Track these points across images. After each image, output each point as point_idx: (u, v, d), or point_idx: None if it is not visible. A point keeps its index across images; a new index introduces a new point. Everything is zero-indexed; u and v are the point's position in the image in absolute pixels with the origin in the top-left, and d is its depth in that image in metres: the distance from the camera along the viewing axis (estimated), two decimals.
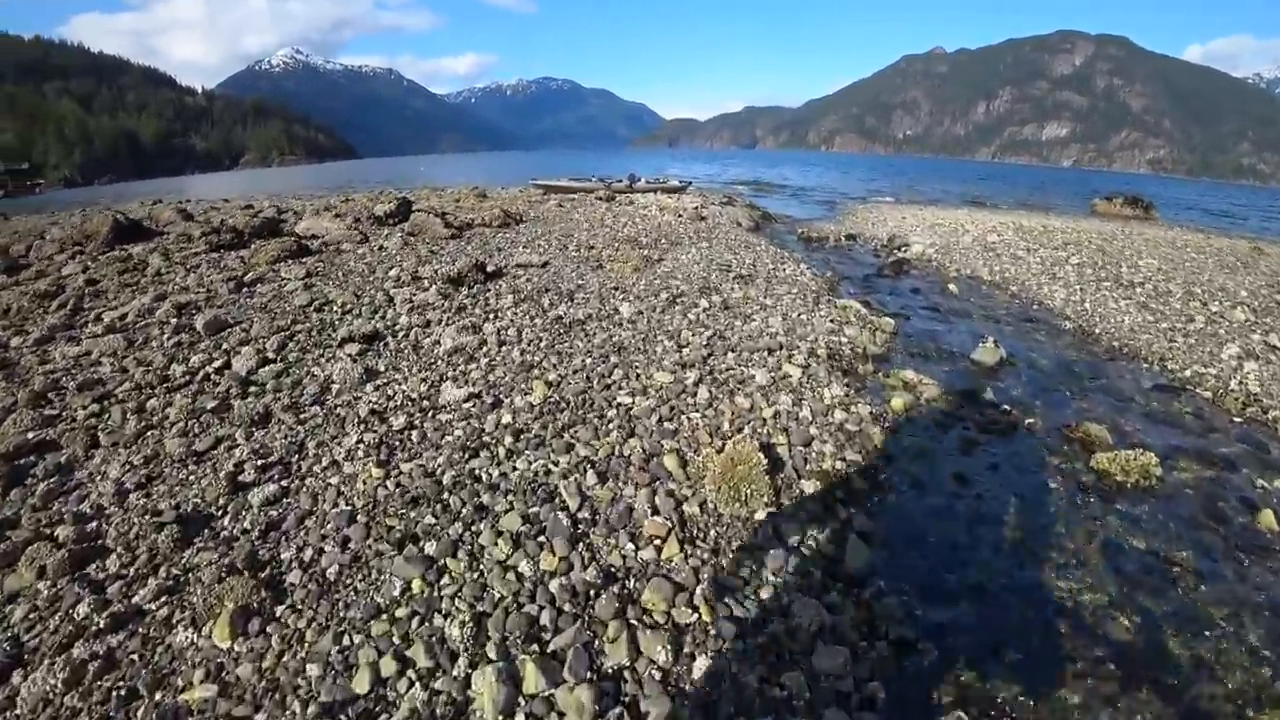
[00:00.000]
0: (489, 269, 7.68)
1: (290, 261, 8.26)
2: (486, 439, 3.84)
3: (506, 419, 4.06)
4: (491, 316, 6.14)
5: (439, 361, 4.96)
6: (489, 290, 7.03)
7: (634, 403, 4.33)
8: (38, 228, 14.83)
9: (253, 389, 4.45)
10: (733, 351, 5.42)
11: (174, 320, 5.93)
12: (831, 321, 6.80)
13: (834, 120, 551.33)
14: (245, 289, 7.08)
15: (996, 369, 6.29)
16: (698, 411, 4.26)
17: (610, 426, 4.03)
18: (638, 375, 4.75)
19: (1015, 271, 11.40)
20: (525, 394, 4.40)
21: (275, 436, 3.83)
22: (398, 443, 3.75)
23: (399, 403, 4.24)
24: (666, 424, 4.10)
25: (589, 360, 5.00)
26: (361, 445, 3.70)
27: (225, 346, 5.24)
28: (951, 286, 10.19)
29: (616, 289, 7.34)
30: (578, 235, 10.67)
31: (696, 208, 17.91)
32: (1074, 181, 61.44)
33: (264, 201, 21.70)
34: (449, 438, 3.83)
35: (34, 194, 73.16)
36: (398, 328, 5.72)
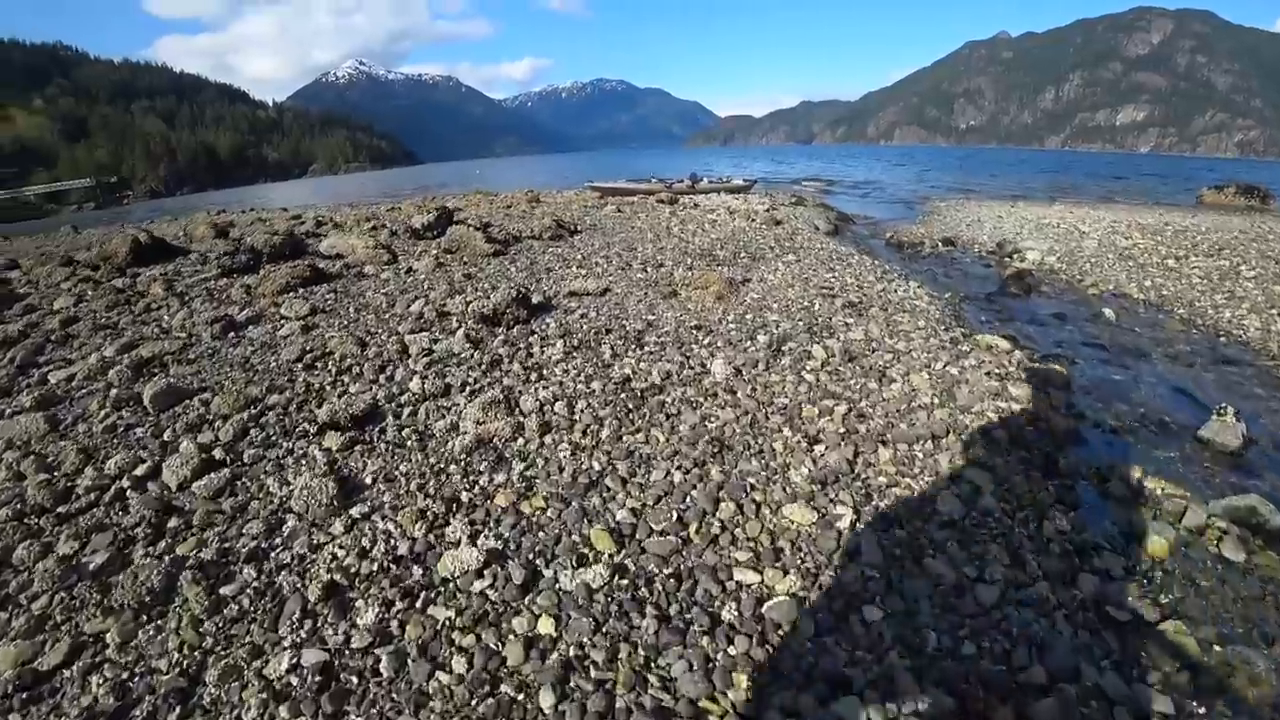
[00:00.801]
0: (534, 300, 6.11)
1: (299, 292, 6.87)
2: (505, 691, 2.10)
3: (545, 629, 2.32)
4: (533, 377, 4.53)
5: (452, 468, 3.36)
6: (533, 332, 5.45)
7: (764, 586, 2.55)
8: (79, 244, 14.09)
9: (170, 525, 2.94)
10: (884, 444, 3.65)
11: (124, 386, 4.53)
12: (988, 374, 4.95)
13: (893, 112, 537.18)
14: (234, 332, 5.68)
15: (1242, 455, 4.32)
16: (878, 605, 2.47)
17: (733, 655, 2.25)
18: (758, 508, 3.01)
19: (1175, 288, 9.24)
20: (578, 559, 2.69)
21: (159, 648, 2.27)
22: (354, 683, 2.12)
23: (376, 568, 2.62)
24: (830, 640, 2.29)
25: (677, 474, 3.28)
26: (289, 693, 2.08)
27: (167, 436, 3.78)
28: (1107, 311, 8.13)
29: (698, 328, 5.64)
30: (641, 248, 9.06)
31: (768, 210, 16.12)
32: (1161, 169, 56.28)
33: (309, 213, 20.88)
34: (438, 681, 2.14)
35: (122, 205, 78.95)
36: (404, 399, 4.16)
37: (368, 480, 3.25)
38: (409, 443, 3.62)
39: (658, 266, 7.83)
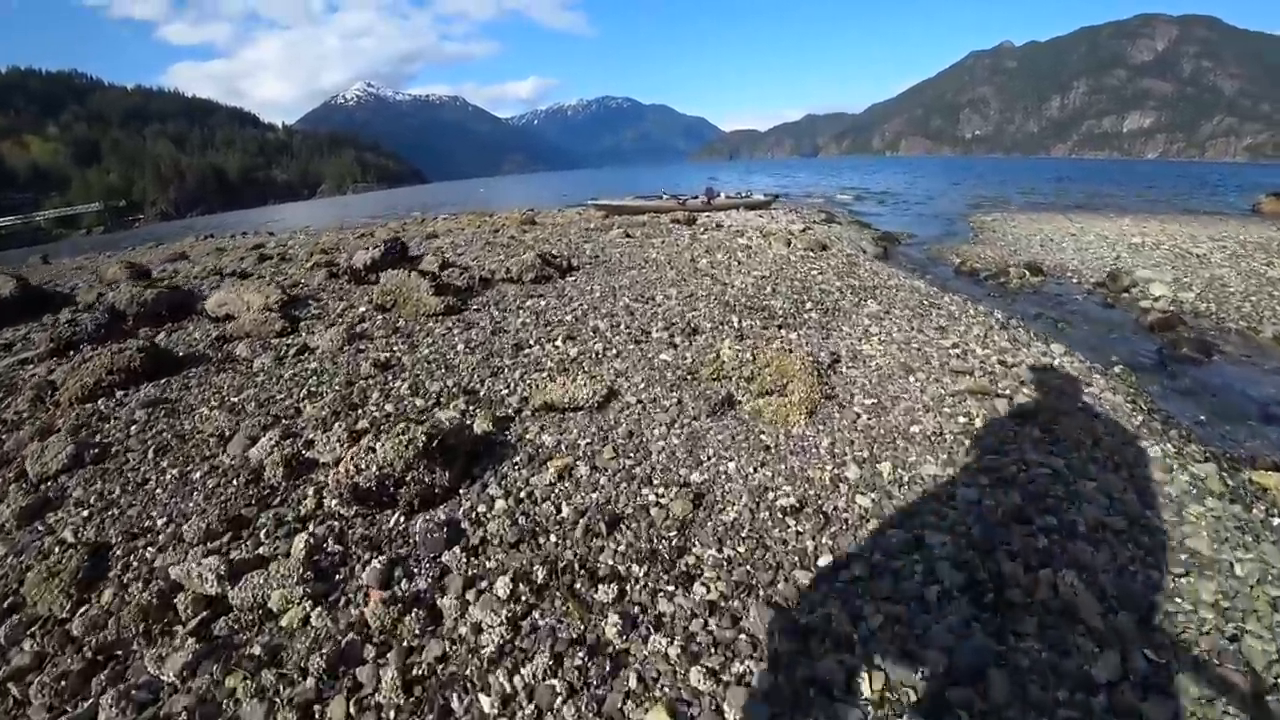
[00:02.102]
0: (478, 426, 3.43)
1: (99, 402, 4.21)
2: None
3: None
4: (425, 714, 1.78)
5: None
6: (453, 533, 2.69)
7: None
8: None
9: None
10: None
11: None
12: None
13: (898, 123, 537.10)
14: None
15: None
16: None
17: None
18: None
19: None
20: None
21: None
22: None
23: None
24: None
25: None
26: None
27: None
28: None
29: (798, 509, 2.87)
30: (661, 296, 6.35)
31: (803, 229, 13.45)
32: (1180, 176, 53.85)
33: (276, 239, 18.49)
34: None
35: (132, 228, 79.14)
36: None
37: None
38: None
39: (690, 333, 5.12)
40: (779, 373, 3.81)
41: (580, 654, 1.95)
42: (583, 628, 2.05)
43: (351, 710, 1.78)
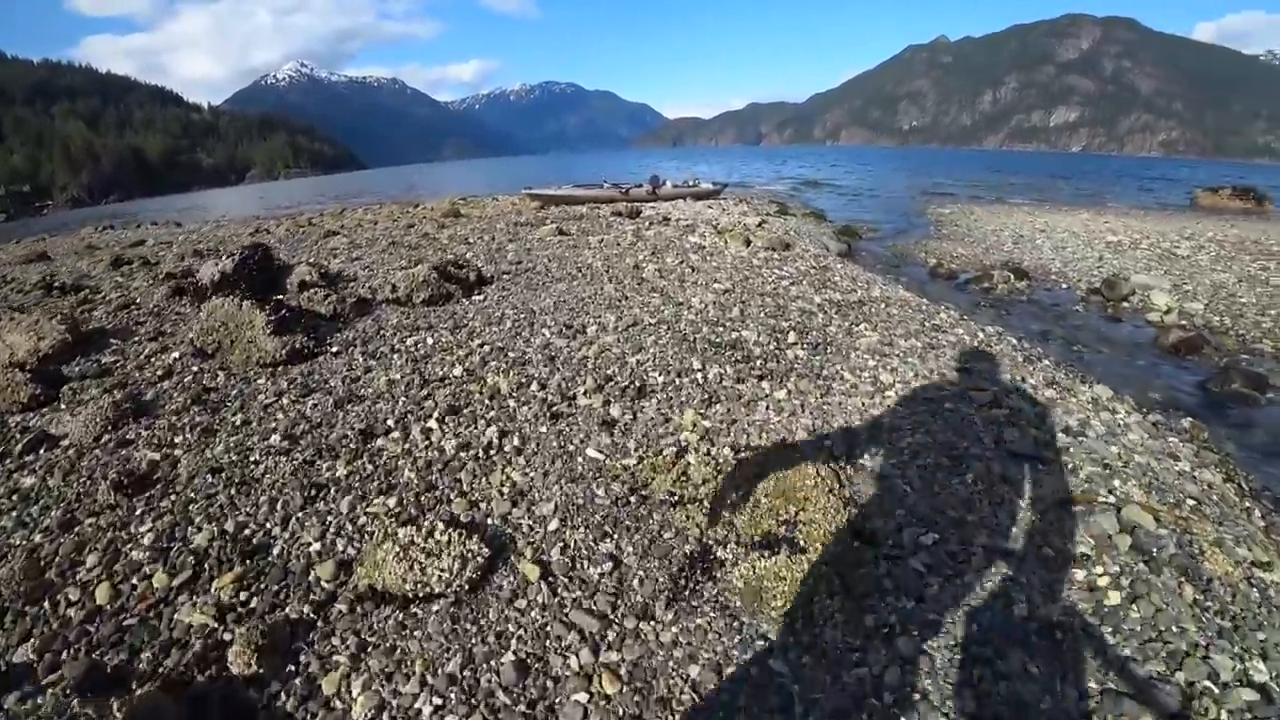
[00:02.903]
0: (235, 658, 1.77)
1: None
2: None
3: None
4: None
5: None
6: None
7: None
8: None
9: None
10: None
11: None
12: None
13: (839, 114, 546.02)
14: None
15: None
16: None
17: None
18: None
19: None
20: None
21: None
22: None
23: None
24: None
25: None
26: None
27: None
28: None
29: None
30: (595, 329, 4.63)
31: (759, 223, 12.02)
32: (1106, 169, 55.98)
33: (169, 234, 16.24)
34: None
35: (40, 215, 72.76)
36: None
37: None
38: None
39: (636, 394, 3.50)
40: (781, 494, 2.26)
41: None
42: None
43: None
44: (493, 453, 2.91)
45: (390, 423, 3.22)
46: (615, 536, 2.32)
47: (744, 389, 3.64)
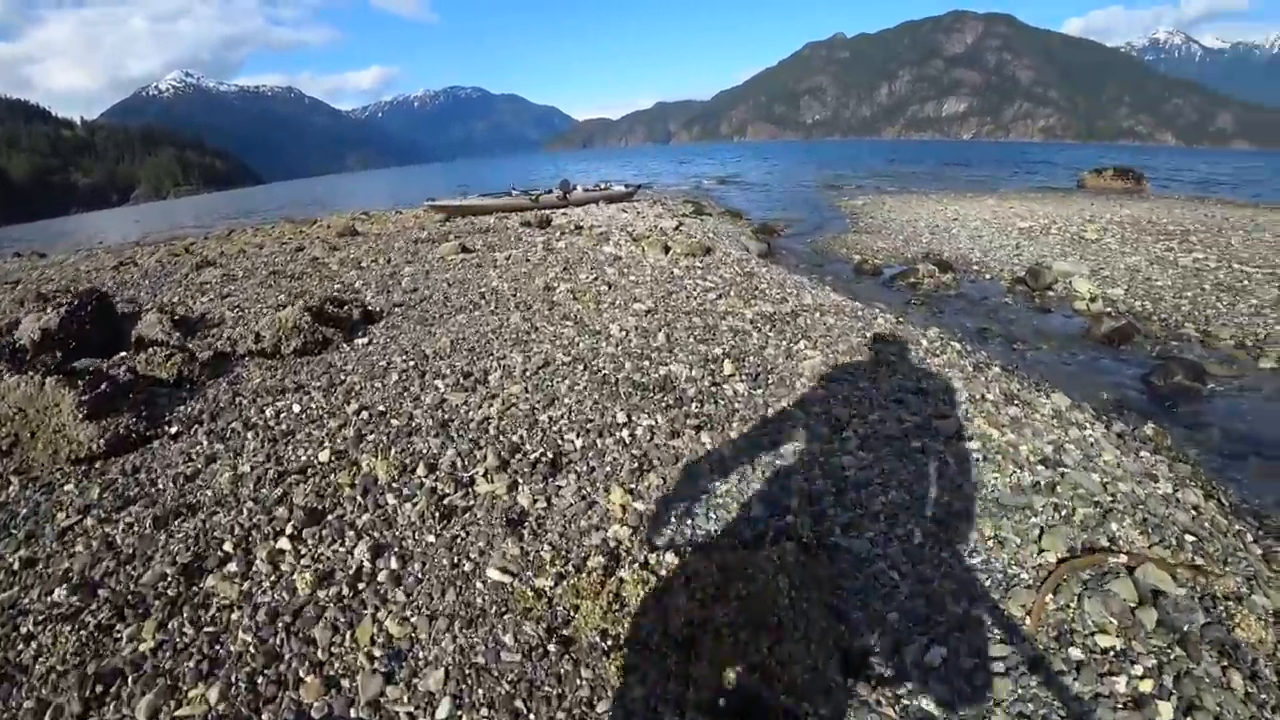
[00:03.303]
0: None
1: None
2: None
3: None
4: None
5: None
6: None
7: None
8: None
9: None
10: None
11: None
12: None
13: (744, 110, 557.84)
14: None
15: None
16: None
17: None
18: None
19: None
20: None
21: None
22: None
23: None
24: None
25: None
26: None
27: None
28: None
29: None
30: (500, 375, 3.77)
31: (676, 226, 11.54)
32: (996, 154, 60.14)
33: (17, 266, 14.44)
34: None
35: None
36: None
37: None
38: None
39: (549, 470, 2.73)
40: (749, 621, 1.65)
41: None
42: None
43: None
44: (362, 587, 2.13)
45: (228, 547, 2.35)
46: (532, 717, 1.64)
47: (680, 445, 3.01)
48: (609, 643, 1.81)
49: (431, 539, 2.35)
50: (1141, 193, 22.86)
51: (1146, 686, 1.96)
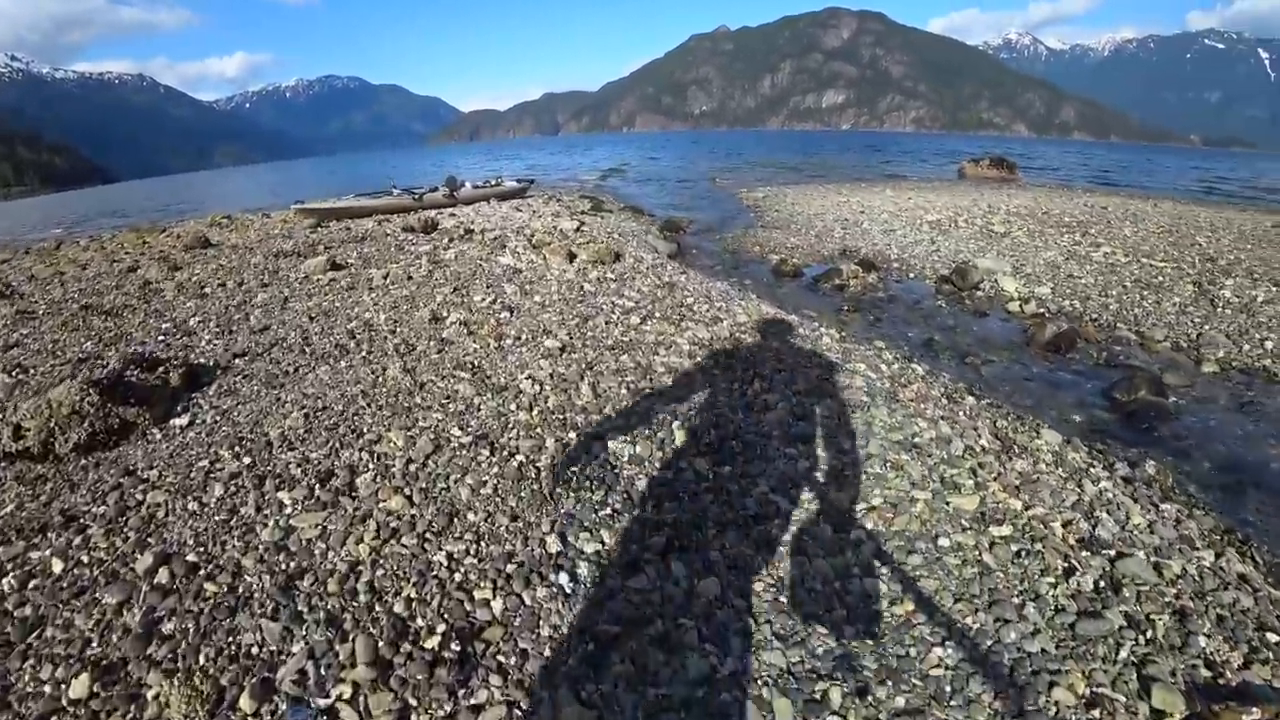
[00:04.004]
0: None
1: None
2: None
3: None
4: None
5: None
6: None
7: None
8: None
9: None
10: None
11: None
12: None
13: (632, 101, 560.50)
14: None
15: None
16: None
17: None
18: None
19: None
20: None
21: None
22: None
23: None
24: None
25: None
26: None
27: None
28: None
29: None
30: (373, 472, 2.71)
31: (580, 229, 10.58)
32: (874, 144, 62.64)
33: None
34: None
35: None
36: None
37: None
38: None
39: (460, 677, 1.80)
40: None
41: None
42: None
43: None
44: None
45: None
46: None
47: (643, 585, 2.07)
48: None
49: None
50: (1015, 181, 23.92)
51: None
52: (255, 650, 1.85)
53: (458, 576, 2.13)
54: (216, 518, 2.45)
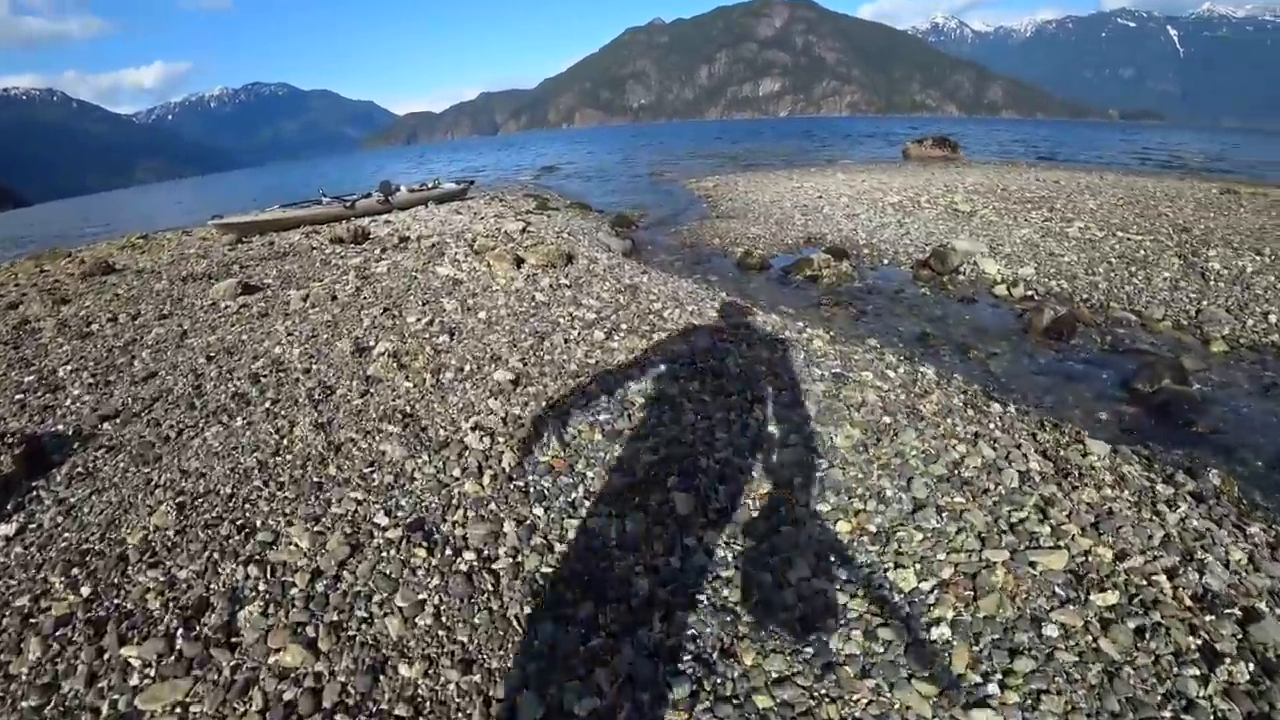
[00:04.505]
0: None
1: None
2: None
3: None
4: None
5: None
6: None
7: None
8: None
9: None
10: None
11: None
12: None
13: (571, 97, 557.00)
14: None
15: None
16: None
17: None
18: None
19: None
20: None
21: None
22: None
23: None
24: None
25: None
26: None
27: None
28: None
29: None
30: (261, 606, 1.96)
31: (526, 230, 9.82)
32: (813, 129, 63.03)
33: None
34: None
35: None
36: None
37: None
38: None
39: None
40: None
41: None
42: None
43: None
44: None
45: None
46: None
47: None
48: None
49: None
50: (958, 159, 23.99)
51: None
52: None
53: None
54: (27, 703, 1.63)
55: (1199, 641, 1.93)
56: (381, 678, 1.64)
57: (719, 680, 1.67)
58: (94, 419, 3.33)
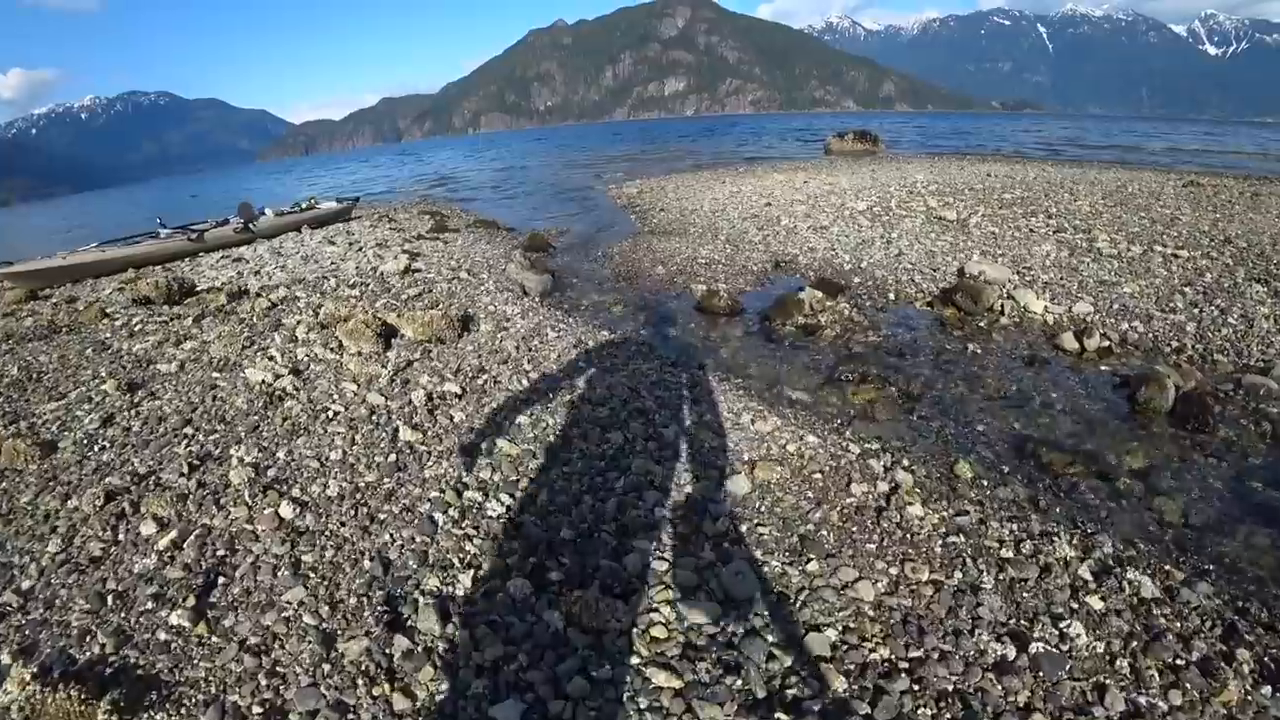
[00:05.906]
0: None
1: None
2: None
3: None
4: None
5: None
6: None
7: None
8: None
9: None
10: None
11: None
12: None
13: (476, 101, 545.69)
14: None
15: None
16: None
17: None
18: None
19: None
20: None
21: None
22: None
23: None
24: None
25: None
26: None
27: None
28: None
29: None
30: None
31: (408, 267, 7.53)
32: (725, 128, 62.01)
33: None
34: None
35: None
36: None
37: None
38: None
39: None
40: None
41: None
42: None
43: None
44: None
45: None
46: None
47: None
48: None
49: None
50: (879, 153, 23.22)
51: None
52: None
53: None
54: None
55: None
56: None
57: None
58: None
